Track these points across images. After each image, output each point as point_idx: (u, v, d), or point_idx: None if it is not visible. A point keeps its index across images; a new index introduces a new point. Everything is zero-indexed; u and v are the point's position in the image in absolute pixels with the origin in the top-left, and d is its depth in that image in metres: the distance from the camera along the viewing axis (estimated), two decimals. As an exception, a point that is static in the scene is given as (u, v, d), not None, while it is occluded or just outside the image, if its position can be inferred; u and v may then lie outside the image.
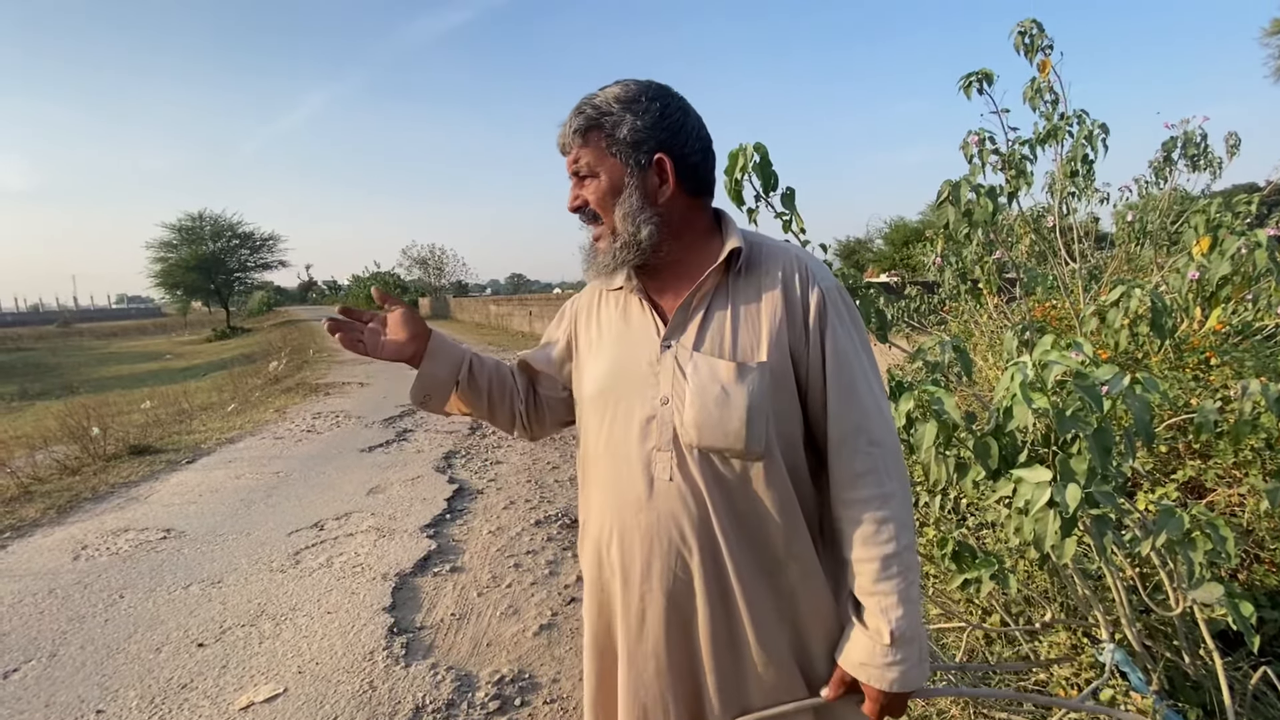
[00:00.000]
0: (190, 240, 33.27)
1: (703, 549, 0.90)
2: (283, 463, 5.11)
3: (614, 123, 0.91)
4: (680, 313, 0.94)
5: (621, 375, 0.96)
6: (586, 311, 1.08)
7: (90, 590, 2.96)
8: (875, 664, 0.87)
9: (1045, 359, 1.30)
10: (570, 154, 0.95)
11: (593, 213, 0.95)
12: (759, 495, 0.90)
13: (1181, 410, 2.24)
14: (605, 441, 0.97)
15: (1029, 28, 2.88)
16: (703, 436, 0.88)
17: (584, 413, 1.04)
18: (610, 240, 0.94)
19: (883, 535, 0.86)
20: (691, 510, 0.90)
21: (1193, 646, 1.70)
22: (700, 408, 0.88)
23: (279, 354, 15.49)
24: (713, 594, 0.91)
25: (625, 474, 0.94)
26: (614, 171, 0.92)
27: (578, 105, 0.94)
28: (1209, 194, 3.70)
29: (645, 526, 0.92)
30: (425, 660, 2.31)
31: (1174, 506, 1.35)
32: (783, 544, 0.91)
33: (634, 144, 0.91)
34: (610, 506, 0.96)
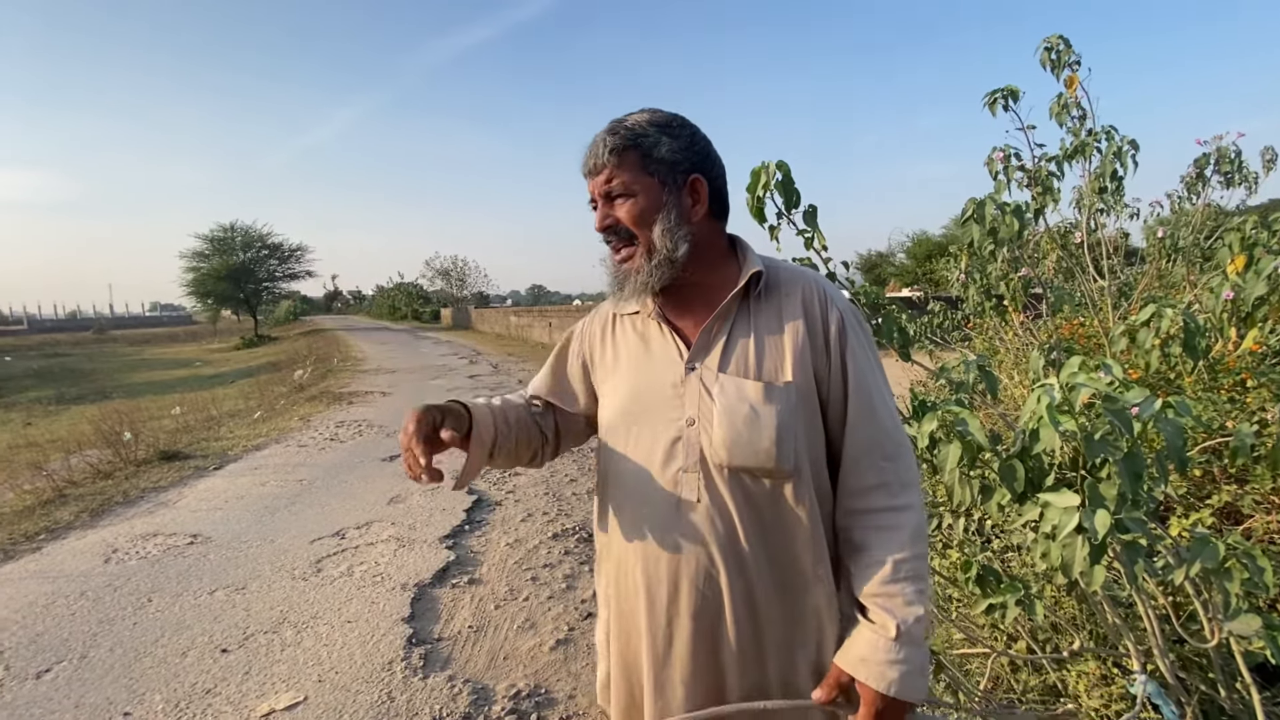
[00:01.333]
0: (221, 250, 34.11)
1: (730, 569, 0.90)
2: (306, 470, 5.20)
3: (651, 143, 0.94)
4: (703, 335, 0.95)
5: (644, 398, 0.97)
6: (600, 336, 1.09)
7: (120, 593, 3.03)
8: (876, 660, 0.84)
9: (1073, 381, 1.28)
10: (602, 174, 0.95)
11: (626, 231, 0.95)
12: (788, 513, 0.91)
13: (1216, 433, 2.18)
14: (628, 464, 0.97)
15: (1056, 43, 2.86)
16: (733, 456, 0.89)
17: (604, 436, 1.04)
18: (646, 258, 0.94)
19: (894, 542, 0.88)
20: (720, 531, 0.90)
21: (1229, 679, 1.65)
22: (730, 427, 0.89)
23: (304, 362, 15.78)
24: (740, 615, 0.91)
25: (650, 496, 0.94)
26: (652, 190, 0.94)
27: (609, 127, 0.96)
28: (1244, 209, 3.62)
29: (672, 549, 0.92)
30: (443, 672, 2.32)
31: (1208, 534, 1.31)
32: (810, 562, 0.93)
33: (672, 164, 0.94)
34: (634, 530, 0.96)
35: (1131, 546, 1.36)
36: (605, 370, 1.06)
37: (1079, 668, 1.82)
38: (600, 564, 1.07)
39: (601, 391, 1.06)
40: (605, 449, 1.03)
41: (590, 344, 1.10)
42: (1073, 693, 1.80)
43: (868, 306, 1.98)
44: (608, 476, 1.03)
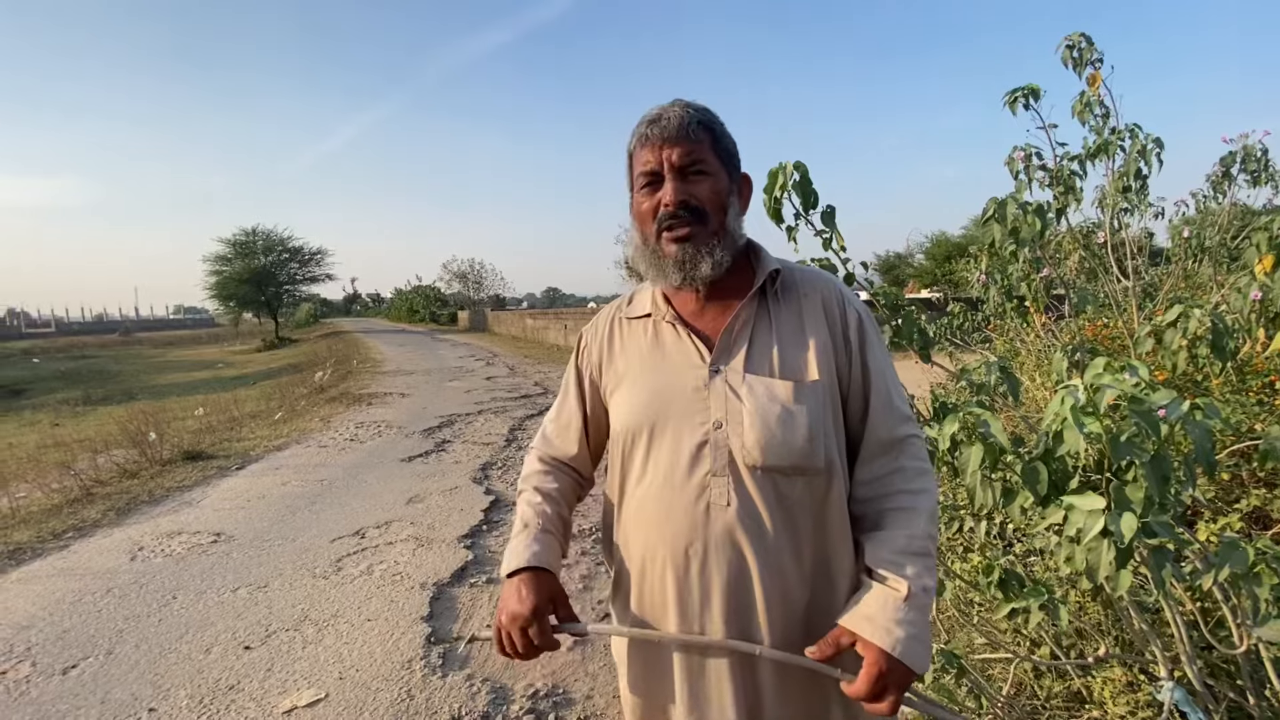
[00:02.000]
0: (243, 254, 34.66)
1: (764, 572, 0.88)
2: (326, 471, 5.26)
3: (721, 131, 0.95)
4: (725, 336, 0.94)
5: (665, 403, 0.94)
6: (605, 345, 1.05)
7: (145, 590, 3.09)
8: (884, 618, 0.82)
9: (1098, 382, 1.26)
10: (681, 146, 0.90)
11: (699, 210, 0.92)
12: (820, 510, 0.91)
13: (1245, 436, 2.13)
14: (650, 473, 0.94)
15: (1077, 41, 2.82)
16: (767, 456, 0.88)
17: (620, 448, 0.99)
18: (717, 240, 0.93)
19: (910, 522, 0.89)
20: (753, 533, 0.88)
21: (1258, 687, 1.61)
22: (763, 427, 0.88)
23: (324, 364, 15.98)
24: (775, 617, 0.89)
25: (677, 503, 0.91)
26: (722, 176, 0.94)
27: (684, 102, 0.94)
28: (1271, 207, 3.54)
29: (703, 555, 0.89)
30: (462, 671, 2.34)
31: (1237, 539, 1.29)
32: (842, 556, 0.93)
33: (734, 156, 0.97)
34: (660, 539, 0.92)
35: (1159, 551, 1.34)
36: (614, 376, 1.02)
37: (1104, 674, 1.79)
38: (619, 580, 1.02)
39: (612, 399, 1.02)
40: (622, 457, 0.99)
41: (595, 359, 1.06)
42: (1098, 699, 1.77)
43: (887, 308, 1.96)
44: (626, 485, 0.98)
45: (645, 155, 0.93)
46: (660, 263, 0.94)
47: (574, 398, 1.09)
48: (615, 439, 1.01)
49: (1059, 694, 1.86)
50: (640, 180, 0.95)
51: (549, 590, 0.94)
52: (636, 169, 0.96)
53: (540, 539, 0.98)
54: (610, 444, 1.04)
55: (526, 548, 0.96)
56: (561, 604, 0.96)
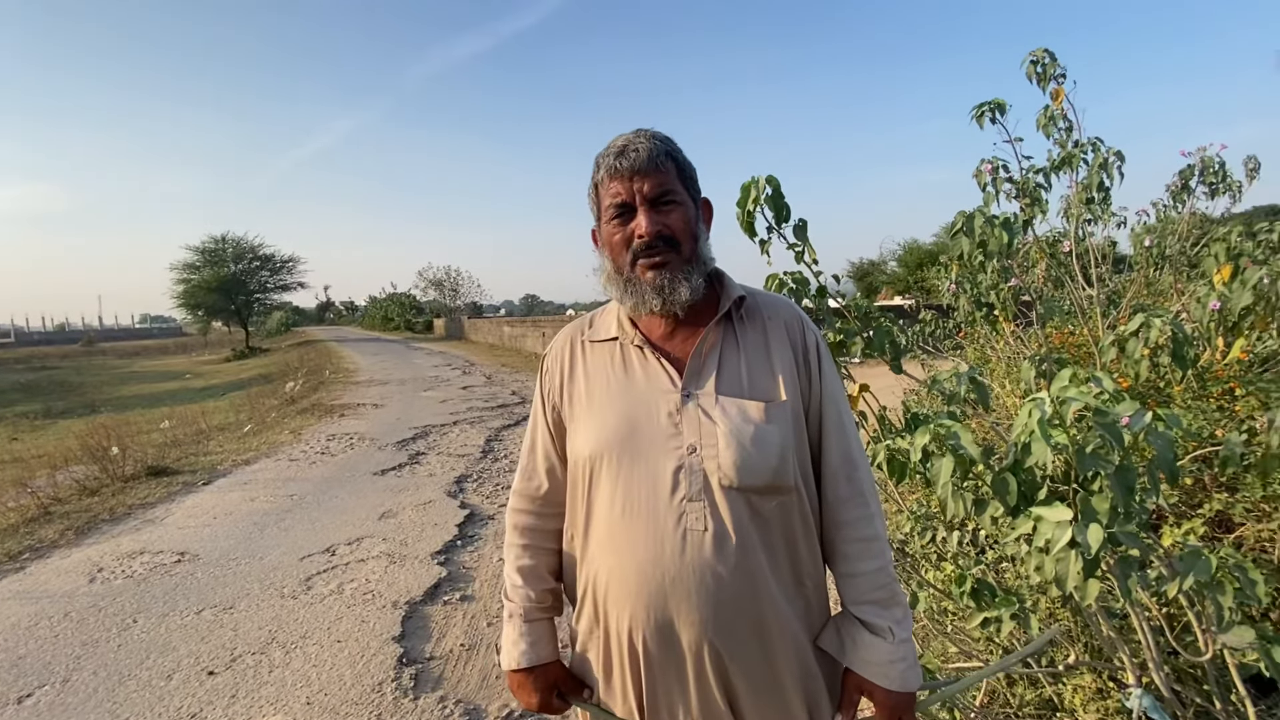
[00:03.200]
0: (213, 262, 33.97)
1: (741, 592, 0.89)
2: (296, 485, 5.15)
3: (684, 160, 0.96)
4: (694, 360, 0.95)
5: (636, 428, 0.93)
6: (565, 368, 1.04)
7: (105, 614, 2.98)
8: (882, 661, 0.92)
9: (1064, 394, 1.28)
10: (653, 177, 0.92)
11: (672, 239, 0.93)
12: (790, 526, 0.93)
13: (1207, 442, 2.19)
14: (623, 501, 0.92)
15: (1041, 56, 2.88)
16: (743, 476, 0.89)
17: (584, 473, 0.97)
18: (691, 267, 0.95)
19: (874, 549, 0.96)
20: (730, 554, 0.88)
21: (1224, 691, 1.64)
22: (739, 448, 0.89)
23: (296, 375, 15.68)
24: (755, 635, 0.90)
25: (652, 531, 0.89)
26: (689, 204, 0.96)
27: (649, 133, 0.95)
28: (1229, 217, 3.66)
29: (681, 580, 0.88)
30: (434, 693, 2.29)
31: (1200, 547, 1.31)
32: (805, 563, 0.96)
33: (694, 182, 0.98)
34: (631, 568, 0.91)
35: (1125, 560, 1.36)
36: (577, 402, 1.00)
37: (1074, 681, 1.82)
38: (584, 603, 1.00)
39: (574, 425, 1.00)
40: (589, 483, 0.96)
41: (557, 384, 1.04)
42: (1069, 707, 1.79)
43: (858, 319, 1.98)
44: (593, 512, 0.96)
45: (615, 187, 0.94)
46: (638, 289, 0.95)
47: (542, 427, 1.07)
48: (578, 464, 0.98)
49: (1031, 701, 1.88)
50: (610, 211, 0.95)
51: (549, 680, 1.03)
52: (605, 200, 0.96)
53: (530, 630, 1.03)
54: (572, 471, 1.01)
55: (516, 645, 1.02)
56: (564, 684, 1.03)
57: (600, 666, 0.99)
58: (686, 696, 0.92)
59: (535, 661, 1.01)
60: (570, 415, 1.01)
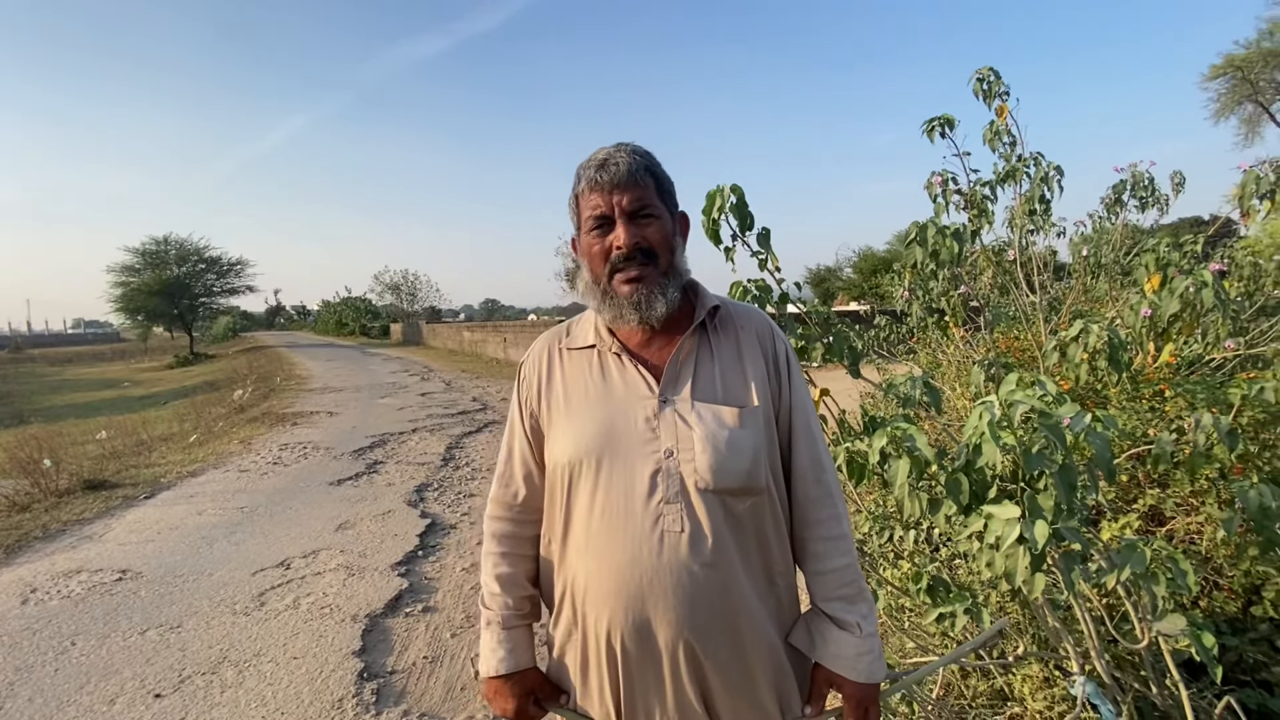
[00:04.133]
0: (154, 264, 32.46)
1: (716, 591, 0.92)
2: (247, 497, 4.97)
3: (661, 173, 0.99)
4: (671, 368, 0.98)
5: (614, 434, 0.95)
6: (543, 375, 1.05)
7: (40, 637, 2.82)
8: (850, 655, 0.96)
9: (1011, 398, 1.35)
10: (631, 191, 0.95)
11: (649, 252, 0.96)
12: (762, 526, 0.96)
13: (1140, 441, 2.32)
14: (601, 504, 0.94)
15: (987, 75, 3.02)
16: (718, 479, 0.92)
17: (563, 478, 0.98)
18: (665, 282, 0.97)
19: (841, 547, 1.01)
20: (705, 554, 0.91)
21: (1159, 677, 1.74)
22: (714, 452, 0.92)
23: (244, 381, 15.12)
24: (729, 633, 0.93)
25: (629, 532, 0.92)
26: (665, 216, 0.98)
27: (630, 148, 0.97)
28: (1158, 228, 3.89)
29: (658, 580, 0.90)
30: (397, 707, 2.24)
31: (1136, 541, 1.39)
32: (777, 562, 0.99)
33: (672, 196, 1.00)
34: (609, 569, 0.93)
35: (1069, 555, 1.44)
36: (555, 408, 1.02)
37: (1023, 671, 1.90)
38: (561, 607, 1.01)
39: (552, 431, 1.02)
40: (567, 488, 0.98)
41: (535, 391, 1.06)
42: (1018, 696, 1.87)
43: (819, 325, 2.04)
44: (572, 516, 0.98)
45: (595, 199, 0.96)
46: (614, 303, 0.98)
47: (520, 434, 1.07)
48: (557, 469, 1.00)
49: (984, 693, 1.96)
50: (590, 223, 0.98)
51: (527, 687, 1.03)
52: (585, 211, 0.98)
53: (509, 637, 1.04)
54: (550, 477, 1.02)
55: (494, 652, 1.03)
56: (541, 690, 1.04)
57: (578, 669, 1.00)
58: (663, 695, 0.94)
59: (514, 668, 1.02)
60: (549, 421, 1.03)
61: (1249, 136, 22.20)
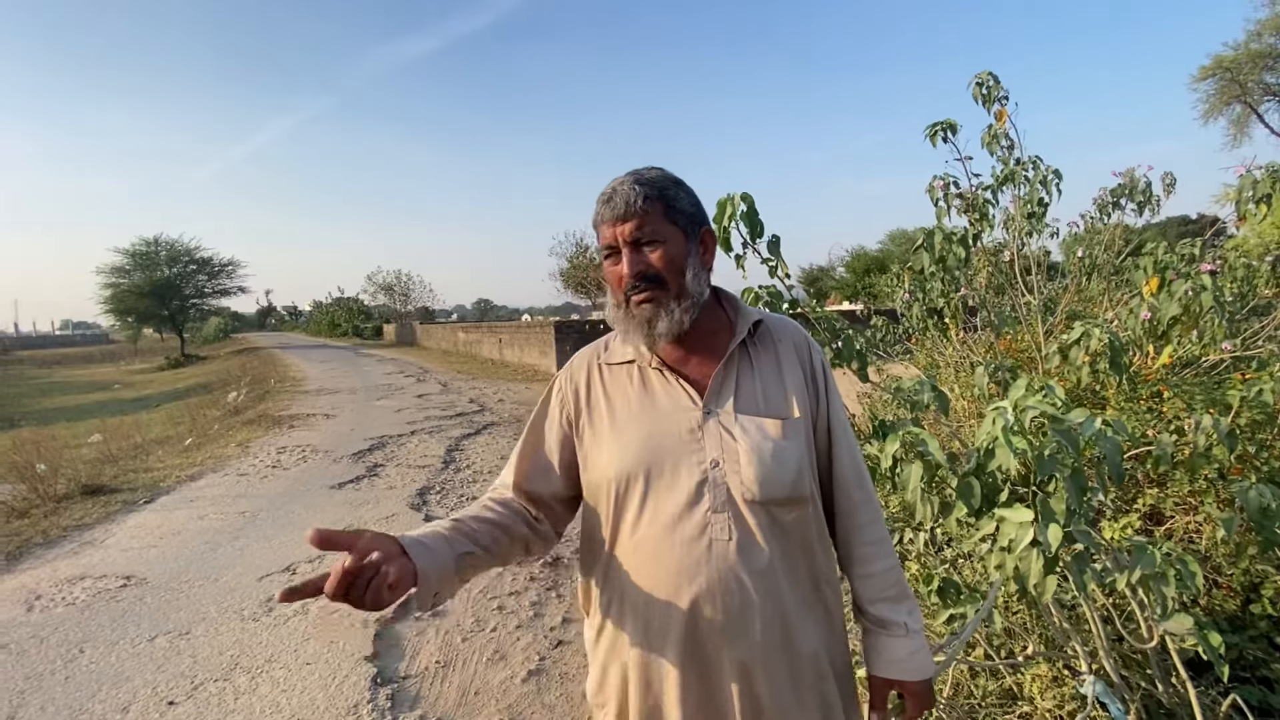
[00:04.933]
0: (144, 265, 32.18)
1: (765, 596, 0.95)
2: (248, 501, 4.95)
3: (673, 195, 1.00)
4: (715, 380, 1.01)
5: (660, 446, 0.98)
6: (584, 390, 1.08)
7: (47, 645, 2.81)
8: (904, 657, 1.01)
9: (1023, 403, 1.38)
10: (631, 222, 0.97)
11: (655, 277, 0.98)
12: (807, 535, 1.00)
13: (1139, 442, 2.36)
14: (649, 514, 0.97)
15: (986, 79, 3.06)
16: (764, 490, 0.95)
17: (609, 494, 1.01)
18: (677, 302, 0.99)
19: (884, 550, 1.06)
20: (753, 562, 0.94)
21: (1165, 675, 1.78)
22: (759, 463, 0.95)
23: (238, 384, 15.03)
24: (776, 639, 0.96)
25: (680, 541, 0.94)
26: (678, 239, 1.00)
27: (634, 178, 0.99)
28: (1148, 227, 3.93)
29: (708, 590, 0.93)
30: (413, 712, 2.25)
31: (1145, 542, 1.42)
32: (823, 570, 1.03)
33: (689, 215, 1.01)
34: (665, 576, 0.96)
35: (1080, 557, 1.47)
36: (598, 422, 1.05)
37: (1032, 671, 1.93)
38: (605, 623, 1.04)
39: (595, 445, 1.04)
40: (616, 501, 1.01)
41: (574, 400, 1.08)
42: (1028, 695, 1.90)
43: (827, 331, 2.07)
44: (620, 528, 1.00)
45: (604, 231, 1.00)
46: (630, 324, 1.01)
47: (547, 433, 1.09)
48: (603, 485, 1.01)
49: (993, 692, 1.99)
50: (604, 252, 1.02)
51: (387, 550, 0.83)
52: (600, 242, 1.03)
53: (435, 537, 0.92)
54: (595, 491, 1.04)
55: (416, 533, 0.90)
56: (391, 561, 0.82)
57: (619, 681, 1.02)
58: (709, 699, 0.96)
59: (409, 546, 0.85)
60: (591, 435, 1.05)
61: (1237, 137, 22.47)
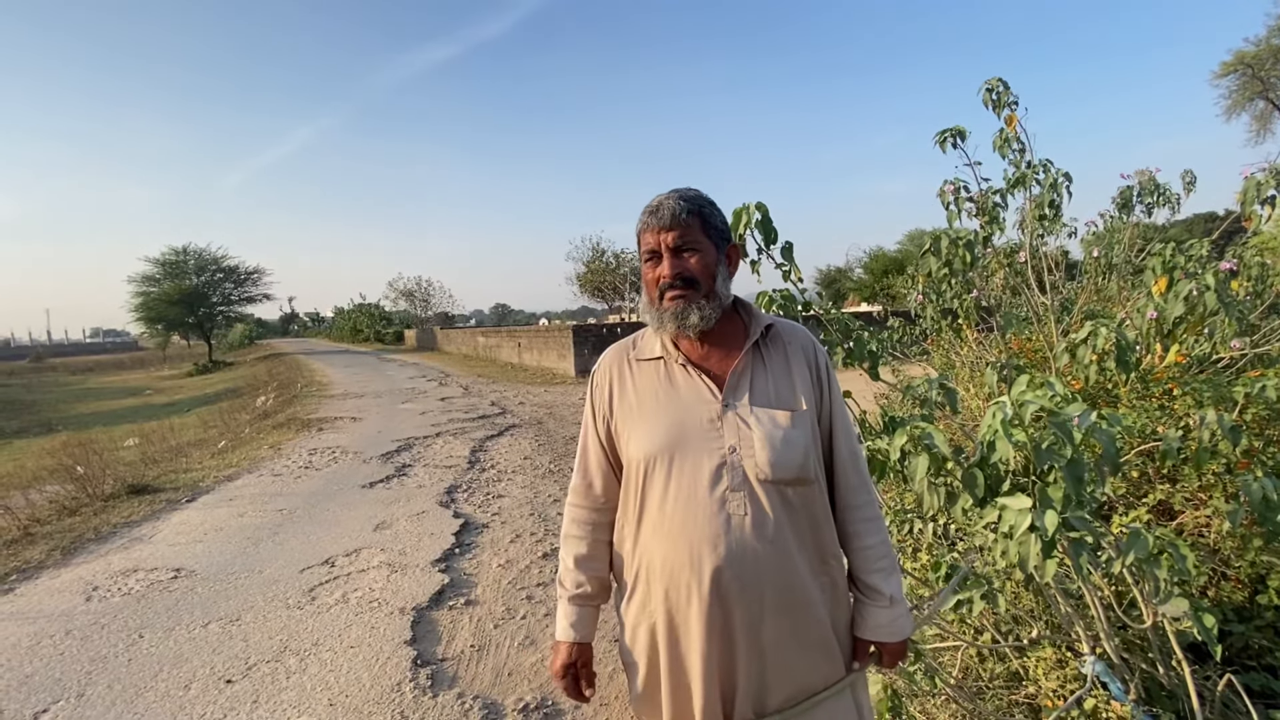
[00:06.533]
0: (173, 274, 33.09)
1: (778, 566, 1.09)
2: (285, 500, 5.17)
3: (709, 213, 1.17)
4: (733, 377, 1.16)
5: (684, 432, 1.13)
6: (616, 384, 1.24)
7: (108, 630, 3.01)
8: (885, 623, 1.18)
9: (1022, 398, 1.49)
10: (675, 231, 1.14)
11: (691, 279, 1.14)
12: (814, 511, 1.15)
13: (1150, 438, 2.43)
14: (674, 492, 1.12)
15: (996, 85, 3.15)
16: (776, 471, 1.10)
17: (638, 472, 1.16)
18: (706, 302, 1.15)
19: (876, 526, 1.21)
20: (768, 535, 1.09)
21: (1165, 658, 1.86)
22: (771, 449, 1.10)
23: (266, 388, 15.42)
24: (784, 601, 1.11)
25: (700, 515, 1.09)
26: (710, 250, 1.17)
27: (678, 195, 1.16)
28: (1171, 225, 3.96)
29: (725, 556, 1.08)
30: (452, 690, 2.41)
31: (1140, 528, 1.52)
32: (828, 545, 1.18)
33: (721, 232, 1.19)
34: (687, 545, 1.09)
35: (1077, 542, 1.57)
36: (628, 411, 1.20)
37: (1037, 654, 2.03)
38: (635, 586, 1.18)
39: (628, 431, 1.19)
40: (643, 479, 1.15)
41: (607, 396, 1.24)
42: (1033, 677, 2.00)
43: (839, 332, 2.18)
44: (647, 504, 1.15)
45: (648, 238, 1.17)
46: (661, 316, 1.17)
47: (593, 438, 1.26)
48: (633, 464, 1.17)
49: (1000, 675, 2.09)
50: (645, 256, 1.19)
51: (576, 656, 1.23)
52: (642, 248, 1.19)
53: (574, 612, 1.24)
54: (627, 471, 1.20)
55: (562, 620, 1.25)
56: (584, 667, 1.25)
57: (647, 643, 1.16)
58: (727, 652, 1.10)
59: (573, 639, 1.23)
60: (624, 423, 1.20)
61: (1260, 133, 22.07)
